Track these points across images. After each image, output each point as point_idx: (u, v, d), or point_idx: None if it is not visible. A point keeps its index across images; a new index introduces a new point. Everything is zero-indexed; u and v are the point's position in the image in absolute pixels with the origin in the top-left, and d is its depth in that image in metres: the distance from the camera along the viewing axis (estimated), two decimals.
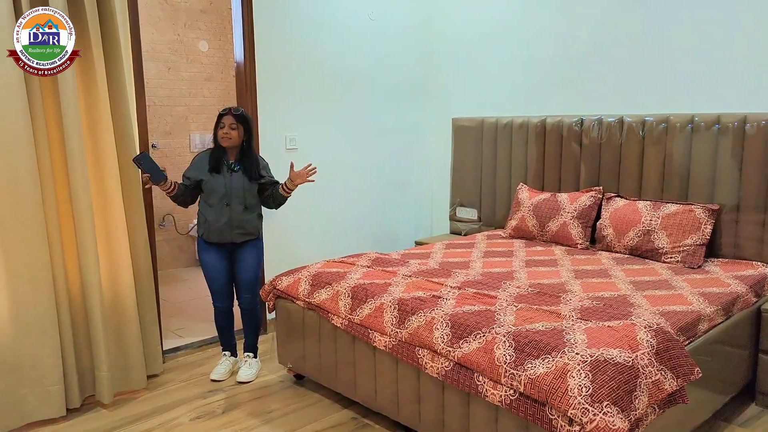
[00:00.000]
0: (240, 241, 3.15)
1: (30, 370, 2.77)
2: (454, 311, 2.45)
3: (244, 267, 3.20)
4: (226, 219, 3.07)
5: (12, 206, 2.65)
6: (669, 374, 2.11)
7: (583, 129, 3.87)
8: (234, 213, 3.08)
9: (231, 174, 3.09)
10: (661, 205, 3.43)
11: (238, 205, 3.09)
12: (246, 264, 3.20)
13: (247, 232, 3.15)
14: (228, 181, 3.07)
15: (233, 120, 3.06)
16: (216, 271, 3.18)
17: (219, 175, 3.07)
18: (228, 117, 3.06)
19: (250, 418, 2.90)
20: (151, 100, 5.29)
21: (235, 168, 3.10)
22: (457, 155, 4.63)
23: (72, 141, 2.78)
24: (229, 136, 3.05)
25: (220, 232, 3.09)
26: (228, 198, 3.07)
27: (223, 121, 3.06)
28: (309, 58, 4.13)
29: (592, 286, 2.86)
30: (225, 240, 3.12)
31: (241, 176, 3.10)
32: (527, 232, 3.92)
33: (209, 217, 3.09)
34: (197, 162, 3.14)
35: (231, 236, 3.11)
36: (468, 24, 4.61)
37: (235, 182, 3.09)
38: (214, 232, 3.09)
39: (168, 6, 5.44)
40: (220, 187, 3.06)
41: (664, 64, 3.62)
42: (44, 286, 2.75)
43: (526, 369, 2.07)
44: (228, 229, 3.09)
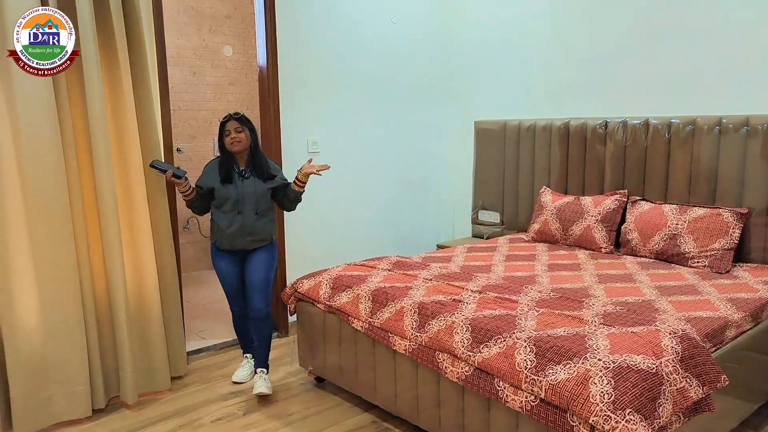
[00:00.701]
0: (252, 248, 3.12)
1: (57, 371, 2.82)
2: (474, 315, 2.44)
3: (254, 269, 3.12)
4: (238, 226, 3.03)
5: (40, 209, 2.71)
6: (694, 382, 2.07)
7: (608, 131, 3.82)
8: (246, 220, 3.03)
9: (243, 181, 3.04)
10: (688, 208, 3.36)
11: (250, 212, 3.04)
12: (255, 266, 3.12)
13: (258, 238, 3.09)
14: (240, 189, 3.03)
15: (237, 124, 3.02)
16: (229, 276, 3.17)
17: (230, 185, 3.03)
18: (231, 122, 3.03)
19: (270, 421, 2.92)
20: (176, 104, 5.37)
21: (246, 175, 3.05)
22: (479, 158, 4.60)
23: (98, 145, 2.84)
24: (237, 139, 3.01)
25: (232, 239, 3.05)
26: (240, 205, 3.03)
27: (227, 128, 3.03)
28: (331, 61, 4.15)
29: (615, 290, 2.81)
30: (236, 247, 3.08)
31: (253, 182, 3.05)
32: (550, 236, 3.88)
33: (221, 224, 3.05)
34: (208, 170, 3.11)
35: (243, 243, 3.07)
36: (490, 26, 4.59)
37: (246, 189, 3.04)
38: (226, 239, 3.06)
39: (193, 12, 5.52)
40: (232, 195, 3.02)
41: (690, 64, 3.55)
42: (71, 288, 2.80)
43: (547, 375, 2.04)
44: (240, 236, 3.04)
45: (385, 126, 4.53)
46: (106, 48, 2.90)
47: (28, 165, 2.68)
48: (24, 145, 2.66)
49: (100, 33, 2.87)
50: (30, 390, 2.76)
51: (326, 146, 4.17)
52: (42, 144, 2.68)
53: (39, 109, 2.66)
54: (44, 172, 2.70)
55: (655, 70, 3.71)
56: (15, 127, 2.65)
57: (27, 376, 2.75)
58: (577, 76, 4.09)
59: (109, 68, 2.93)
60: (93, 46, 2.78)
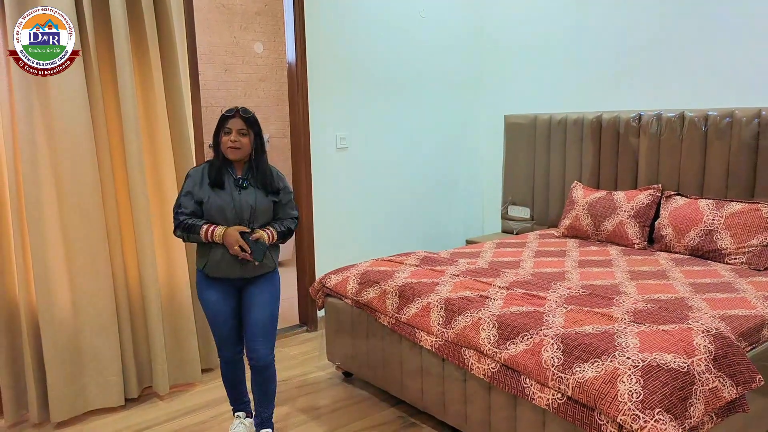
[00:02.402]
0: (252, 276, 2.48)
1: (92, 361, 2.91)
2: (501, 312, 2.41)
3: (257, 305, 2.48)
4: None
5: (75, 206, 2.79)
6: (728, 381, 2.01)
7: (641, 125, 3.73)
8: (246, 240, 2.37)
9: (240, 191, 2.42)
10: (725, 203, 3.26)
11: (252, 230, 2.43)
12: (259, 301, 2.49)
13: (263, 265, 2.47)
14: (237, 200, 2.40)
15: (242, 124, 2.38)
16: (221, 313, 2.49)
17: (224, 192, 2.39)
18: (236, 120, 2.38)
19: (298, 414, 2.95)
20: (208, 101, 5.46)
21: (244, 185, 2.43)
22: (509, 153, 4.55)
23: (130, 143, 2.90)
24: (237, 144, 2.37)
25: (229, 265, 2.40)
26: (239, 220, 2.40)
27: (228, 125, 2.38)
28: (359, 56, 4.16)
29: (648, 287, 2.75)
30: (234, 275, 2.44)
31: (254, 192, 2.43)
32: (581, 232, 3.82)
33: (215, 246, 2.39)
34: (197, 177, 2.43)
35: (242, 270, 2.43)
36: (521, 19, 4.53)
37: (245, 200, 2.41)
38: (221, 266, 2.41)
39: (225, 10, 5.59)
40: (227, 207, 2.38)
41: (728, 55, 3.44)
42: (105, 282, 2.88)
43: (574, 372, 2.01)
44: (237, 262, 2.40)
45: (414, 121, 4.52)
46: (138, 47, 2.96)
47: (63, 162, 2.76)
48: (59, 143, 2.74)
49: (133, 33, 2.93)
50: (66, 379, 2.85)
51: (355, 141, 4.18)
52: (76, 141, 2.76)
53: (73, 107, 2.74)
54: (79, 169, 2.78)
55: (690, 61, 3.60)
56: (50, 125, 2.73)
57: (63, 365, 2.84)
58: (610, 69, 4.01)
59: (141, 67, 2.99)
60: (126, 46, 2.84)
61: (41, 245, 2.74)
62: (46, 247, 2.76)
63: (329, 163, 4.06)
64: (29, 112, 2.67)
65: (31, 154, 2.69)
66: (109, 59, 2.88)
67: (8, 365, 2.83)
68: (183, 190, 2.44)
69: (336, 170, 4.10)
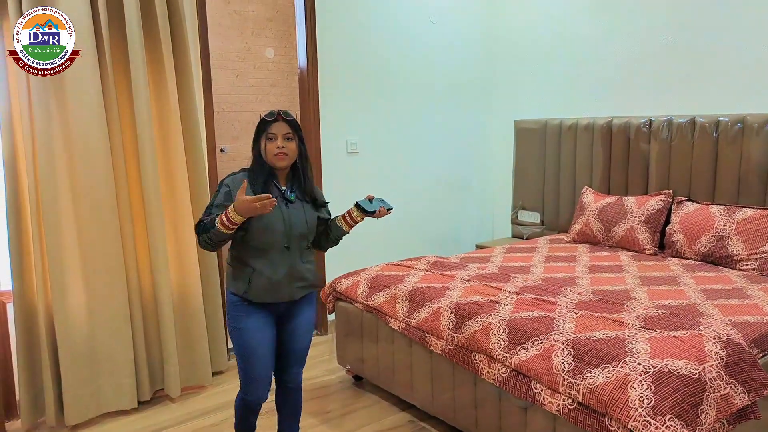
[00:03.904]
0: (299, 297, 2.27)
1: (105, 363, 2.94)
2: (511, 317, 2.42)
3: (303, 332, 2.32)
4: (286, 269, 2.18)
5: (90, 209, 2.83)
6: (739, 388, 2.01)
7: (652, 130, 3.73)
8: (295, 259, 2.19)
9: (287, 205, 2.20)
10: (737, 209, 3.25)
11: (298, 249, 2.22)
12: (305, 326, 2.33)
13: (309, 283, 2.28)
14: (287, 215, 2.18)
15: (288, 128, 2.15)
16: (265, 343, 2.22)
17: (274, 208, 2.08)
18: (280, 124, 2.15)
19: (308, 417, 2.96)
20: (220, 106, 5.49)
21: (290, 197, 2.21)
22: (519, 158, 4.56)
23: (144, 146, 2.94)
24: (285, 150, 2.15)
25: (277, 288, 2.18)
26: (288, 239, 2.18)
27: (272, 131, 2.14)
28: (370, 61, 4.18)
29: (659, 293, 2.75)
30: (282, 299, 2.21)
31: (302, 207, 2.23)
32: (592, 237, 3.81)
33: (262, 268, 2.15)
34: (232, 189, 2.16)
35: (290, 292, 2.21)
36: (531, 24, 4.53)
37: (295, 216, 2.19)
38: (268, 290, 2.17)
39: (237, 16, 5.64)
40: (278, 225, 2.15)
41: (739, 61, 3.43)
42: (118, 285, 2.92)
43: (585, 378, 2.01)
44: (287, 282, 2.19)
45: (424, 125, 4.53)
46: (152, 52, 3.00)
47: (79, 167, 2.80)
48: (75, 147, 2.78)
49: (147, 38, 2.97)
50: (80, 381, 2.88)
51: (365, 146, 4.20)
52: (92, 145, 2.80)
53: (89, 111, 2.78)
54: (94, 173, 2.82)
55: (701, 67, 3.60)
56: (66, 130, 2.77)
57: (77, 367, 2.87)
58: (620, 74, 4.01)
59: (155, 72, 3.02)
60: (140, 51, 2.88)
61: (57, 248, 2.78)
62: (62, 251, 2.79)
63: (340, 167, 4.08)
64: (47, 118, 2.71)
65: (48, 159, 2.73)
66: (123, 65, 2.91)
67: (26, 368, 2.86)
68: (216, 199, 2.17)
69: (346, 175, 4.12)
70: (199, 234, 2.13)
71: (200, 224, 2.13)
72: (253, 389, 2.25)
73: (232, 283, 2.22)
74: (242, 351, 2.21)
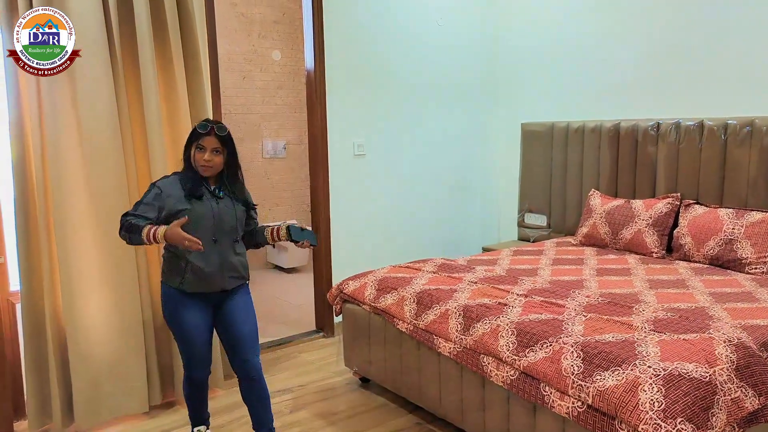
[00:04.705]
0: (231, 288, 2.45)
1: (117, 367, 2.93)
2: (520, 319, 2.42)
3: (241, 315, 2.46)
4: (218, 260, 2.36)
5: (100, 211, 2.83)
6: (750, 392, 2.00)
7: (660, 133, 3.72)
8: (226, 253, 2.38)
9: (217, 201, 2.37)
10: (745, 212, 3.24)
11: (228, 241, 2.39)
12: (243, 312, 2.47)
13: (240, 275, 2.46)
14: (216, 210, 2.35)
15: (217, 143, 2.31)
16: (200, 331, 2.41)
17: (201, 203, 2.32)
18: (210, 139, 2.30)
19: (316, 419, 2.97)
20: (227, 108, 5.51)
21: (219, 194, 2.39)
22: (526, 160, 4.56)
23: (155, 149, 2.95)
24: (210, 164, 2.32)
25: (210, 278, 2.35)
26: (217, 232, 2.35)
27: (202, 143, 2.31)
28: (377, 64, 4.19)
29: (667, 296, 2.74)
30: (214, 288, 2.39)
31: (231, 203, 2.40)
32: (599, 240, 3.80)
33: (192, 260, 2.31)
34: (167, 189, 2.34)
35: (222, 283, 2.39)
36: (537, 26, 4.54)
37: (224, 211, 2.37)
38: (202, 280, 2.35)
39: (244, 18, 5.66)
40: (208, 218, 2.32)
41: (747, 63, 3.42)
42: (129, 289, 2.92)
43: (594, 381, 2.01)
44: (219, 273, 2.37)
45: (431, 128, 4.54)
46: (162, 54, 3.01)
47: (90, 169, 2.80)
48: (86, 148, 2.79)
49: (157, 39, 2.97)
50: (90, 385, 2.87)
51: (372, 149, 4.21)
52: (103, 147, 2.81)
53: (100, 113, 2.79)
54: (104, 174, 2.83)
55: (709, 70, 3.59)
56: (77, 131, 2.77)
57: (88, 371, 2.86)
58: (628, 77, 4.00)
59: (166, 75, 3.03)
60: (150, 53, 2.89)
61: (67, 251, 2.78)
62: (72, 253, 2.79)
63: (346, 169, 4.09)
64: (57, 119, 2.72)
65: (58, 161, 2.73)
66: (134, 66, 2.92)
67: (34, 372, 2.85)
68: (144, 198, 2.33)
69: (353, 177, 4.13)
70: (122, 227, 2.28)
71: (126, 219, 2.28)
72: (193, 366, 2.48)
73: (168, 276, 2.40)
74: (181, 335, 2.43)
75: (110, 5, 2.79)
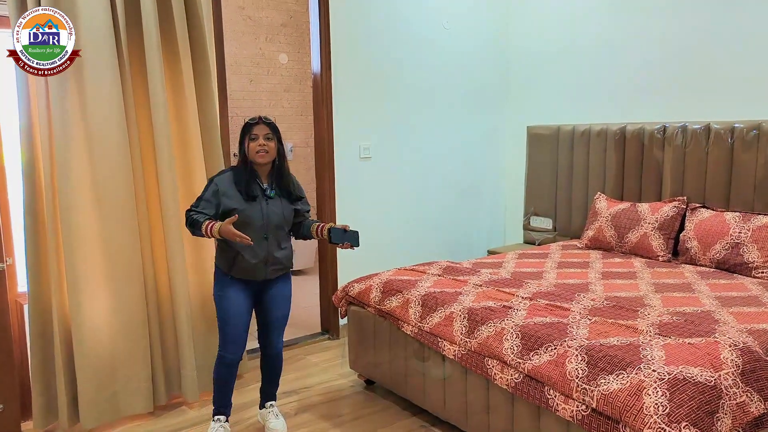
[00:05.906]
0: (273, 277, 2.70)
1: (122, 368, 2.95)
2: (524, 322, 2.42)
3: (278, 303, 2.72)
4: (263, 255, 2.60)
5: (108, 212, 2.85)
6: (756, 396, 2.00)
7: (666, 136, 3.71)
8: (272, 248, 2.61)
9: (267, 202, 2.60)
10: (752, 216, 3.23)
11: (277, 239, 2.63)
12: (280, 300, 2.73)
13: (283, 266, 2.70)
14: (266, 211, 2.59)
15: (267, 129, 2.57)
16: (241, 312, 2.65)
17: (255, 203, 2.57)
18: (261, 126, 2.57)
19: (320, 421, 2.97)
20: (234, 111, 5.54)
21: (270, 194, 2.61)
22: (531, 163, 4.55)
23: (161, 150, 2.96)
24: (266, 148, 2.55)
25: (255, 269, 2.61)
26: (266, 230, 2.59)
27: (254, 131, 2.56)
28: (384, 67, 4.20)
29: (673, 300, 2.73)
30: (258, 278, 2.64)
31: (279, 202, 2.63)
32: (605, 243, 3.80)
33: (244, 253, 2.57)
34: (223, 186, 2.57)
35: (266, 273, 2.64)
36: (544, 30, 4.54)
37: (272, 211, 2.60)
38: (247, 270, 2.61)
39: (251, 21, 5.69)
40: (258, 219, 2.56)
41: (755, 67, 3.41)
42: (136, 289, 2.94)
43: (599, 384, 2.01)
44: (263, 265, 2.62)
45: (437, 131, 4.54)
46: (169, 57, 3.03)
47: (97, 169, 2.82)
48: (93, 149, 2.81)
49: (165, 43, 2.99)
50: (96, 385, 2.89)
51: (378, 152, 4.22)
52: (110, 148, 2.83)
53: (108, 114, 2.80)
54: (112, 176, 2.85)
55: (716, 73, 3.59)
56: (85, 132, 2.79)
57: (94, 372, 2.88)
58: (634, 80, 4.00)
59: (173, 78, 3.05)
60: (157, 55, 2.91)
61: (74, 251, 2.79)
62: (79, 254, 2.81)
63: (353, 172, 4.10)
64: (65, 120, 2.74)
65: (66, 162, 2.75)
66: (141, 70, 2.94)
67: (40, 371, 2.87)
68: (204, 194, 2.57)
69: (359, 180, 4.14)
70: (186, 221, 2.55)
71: (189, 214, 2.54)
72: (230, 347, 2.66)
73: (220, 261, 2.66)
74: (222, 314, 2.65)
75: (118, 8, 2.81)
